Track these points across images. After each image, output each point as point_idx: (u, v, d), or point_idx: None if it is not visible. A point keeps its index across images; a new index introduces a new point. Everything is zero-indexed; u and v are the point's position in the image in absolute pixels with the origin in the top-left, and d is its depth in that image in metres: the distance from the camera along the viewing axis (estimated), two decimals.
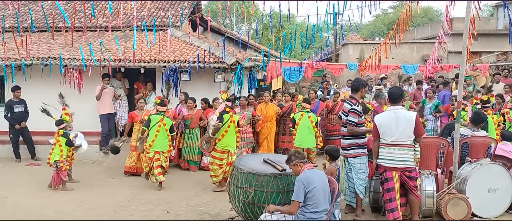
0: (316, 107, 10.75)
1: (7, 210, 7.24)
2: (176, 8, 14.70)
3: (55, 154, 8.32)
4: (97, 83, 11.17)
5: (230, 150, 8.23)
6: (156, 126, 8.44)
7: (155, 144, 8.44)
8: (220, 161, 8.16)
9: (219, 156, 8.17)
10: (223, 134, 8.16)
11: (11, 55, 11.24)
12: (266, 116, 10.34)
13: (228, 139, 8.21)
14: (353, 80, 6.93)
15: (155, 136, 8.42)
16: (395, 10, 44.78)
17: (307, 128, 8.80)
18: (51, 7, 14.38)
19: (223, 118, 8.15)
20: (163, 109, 8.74)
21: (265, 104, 10.46)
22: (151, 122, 8.49)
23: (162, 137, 8.49)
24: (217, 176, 8.23)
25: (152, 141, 8.42)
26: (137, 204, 7.59)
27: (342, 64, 14.88)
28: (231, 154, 8.23)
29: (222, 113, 8.31)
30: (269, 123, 10.42)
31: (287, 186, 5.44)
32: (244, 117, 10.05)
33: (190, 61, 10.94)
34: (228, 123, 8.16)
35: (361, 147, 6.38)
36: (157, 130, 8.43)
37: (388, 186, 5.71)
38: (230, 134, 8.22)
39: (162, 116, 8.59)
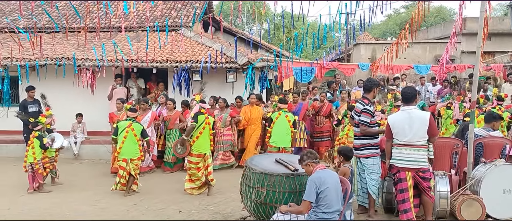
0: (299, 108, 10.59)
1: (22, 209, 7.32)
2: (188, 8, 14.76)
3: (29, 156, 8.21)
4: (110, 83, 11.27)
5: (205, 153, 7.99)
6: (124, 132, 8.09)
7: (123, 151, 8.08)
8: (196, 165, 7.92)
9: (195, 160, 7.92)
10: (198, 136, 7.91)
11: (26, 56, 11.36)
12: (250, 118, 10.22)
13: (202, 141, 7.95)
14: (365, 80, 6.88)
15: (122, 143, 8.07)
16: (407, 10, 44.47)
17: (284, 127, 8.54)
18: (64, 7, 14.51)
19: (198, 119, 7.92)
20: (133, 115, 8.43)
21: (250, 106, 10.34)
22: (119, 129, 8.18)
23: (129, 144, 8.09)
24: (198, 179, 7.99)
25: (120, 147, 8.09)
26: (149, 204, 7.63)
27: (354, 64, 14.81)
28: (207, 157, 8.01)
29: (197, 114, 8.08)
30: (253, 125, 10.30)
31: (299, 186, 5.42)
32: (220, 119, 10.07)
33: (202, 61, 10.98)
34: (203, 124, 7.93)
35: (373, 147, 6.33)
36: (124, 137, 8.08)
37: (401, 187, 5.66)
38: (204, 136, 7.97)
39: (131, 122, 8.21)
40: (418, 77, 15.20)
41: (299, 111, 10.55)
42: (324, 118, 10.99)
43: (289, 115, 8.59)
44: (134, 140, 8.13)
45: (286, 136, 8.50)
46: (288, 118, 8.54)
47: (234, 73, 11.30)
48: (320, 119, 11.00)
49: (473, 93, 6.69)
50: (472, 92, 6.77)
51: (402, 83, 13.48)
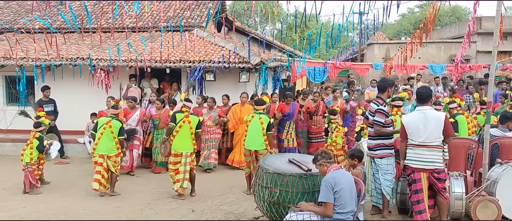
0: (293, 109, 10.49)
1: (38, 207, 7.41)
2: (201, 8, 14.81)
3: (26, 156, 8.14)
4: (125, 83, 11.37)
5: (183, 152, 7.78)
6: (101, 129, 8.06)
7: (99, 147, 8.01)
8: (173, 165, 7.82)
9: (173, 160, 7.82)
10: (174, 135, 7.80)
11: (41, 56, 11.50)
12: (240, 117, 10.13)
13: (179, 140, 7.80)
14: (379, 80, 6.84)
15: (98, 139, 8.03)
16: (421, 9, 44.10)
17: (256, 130, 8.16)
18: (79, 8, 14.66)
19: (176, 118, 7.83)
20: (116, 112, 8.39)
21: (240, 105, 10.27)
22: (98, 125, 8.16)
23: (106, 140, 8.02)
24: (179, 181, 7.79)
25: (96, 144, 8.06)
26: (163, 203, 7.67)
27: (368, 64, 14.71)
28: (184, 156, 7.78)
29: (176, 112, 8.02)
30: (244, 125, 9.97)
31: (312, 186, 5.41)
32: (210, 118, 10.04)
33: (215, 61, 11.01)
34: (180, 123, 7.80)
35: (388, 148, 6.29)
36: (101, 133, 8.03)
37: (416, 188, 5.62)
38: (181, 135, 7.80)
39: (110, 119, 8.17)
40: (433, 77, 15.05)
41: (293, 112, 10.48)
42: (322, 118, 10.87)
43: (263, 117, 8.22)
44: (110, 136, 8.05)
45: (258, 139, 8.07)
46: (261, 120, 8.16)
47: (247, 73, 11.30)
48: (318, 119, 10.89)
49: (489, 93, 6.61)
50: (488, 92, 6.69)
51: (417, 83, 13.37)
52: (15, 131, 11.59)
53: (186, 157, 7.79)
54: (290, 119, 10.48)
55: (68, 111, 11.26)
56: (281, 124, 10.50)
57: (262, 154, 7.93)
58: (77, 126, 11.43)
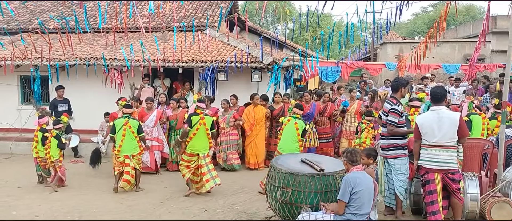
0: (313, 110, 10.38)
1: (52, 205, 7.49)
2: (214, 8, 14.85)
3: (53, 155, 8.31)
4: (138, 83, 11.43)
5: (199, 153, 7.90)
6: (122, 130, 8.22)
7: (123, 148, 8.22)
8: (187, 163, 7.92)
9: (187, 159, 7.91)
10: (191, 137, 7.84)
11: (55, 56, 11.62)
12: (255, 119, 10.08)
13: (196, 142, 7.88)
14: (393, 80, 6.80)
15: (122, 141, 8.20)
16: (435, 8, 43.70)
17: (291, 135, 8.11)
18: (93, 8, 14.79)
19: (192, 121, 7.86)
20: (129, 111, 8.49)
21: (253, 106, 10.17)
22: (116, 127, 8.29)
23: (129, 140, 8.24)
24: (184, 175, 7.99)
25: (120, 146, 8.22)
26: (175, 202, 7.70)
27: (381, 64, 14.64)
28: (200, 157, 7.89)
29: (191, 115, 8.02)
30: (258, 126, 10.14)
31: (325, 186, 5.38)
32: (224, 120, 10.00)
33: (227, 61, 11.03)
34: (197, 125, 7.84)
35: (401, 148, 6.25)
36: (123, 134, 8.20)
37: (429, 188, 5.57)
38: (198, 137, 7.87)
39: (127, 119, 8.31)
40: (447, 77, 14.91)
41: (314, 112, 10.39)
42: (328, 119, 10.79)
43: (298, 123, 8.16)
44: (132, 136, 8.25)
45: (292, 144, 8.04)
46: (296, 126, 8.11)
47: (259, 73, 11.31)
48: (323, 120, 10.76)
49: (504, 93, 6.53)
50: (504, 92, 6.61)
51: (431, 83, 13.24)
52: (30, 130, 11.70)
53: (204, 158, 7.91)
54: (309, 119, 10.27)
55: (82, 110, 11.37)
56: None
57: None
58: (91, 126, 11.53)
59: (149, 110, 9.83)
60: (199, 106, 8.14)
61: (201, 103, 8.22)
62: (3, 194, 8.13)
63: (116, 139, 8.28)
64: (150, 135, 9.64)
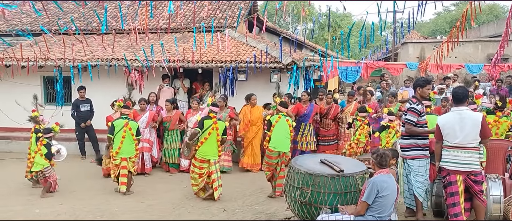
0: (310, 110, 10.18)
1: (74, 204, 7.61)
2: (233, 9, 14.88)
3: (39, 165, 8.02)
4: (158, 83, 11.54)
5: (210, 159, 7.65)
6: (121, 132, 8.06)
7: (122, 150, 8.08)
8: (199, 169, 7.63)
9: (198, 165, 7.63)
10: (202, 142, 7.61)
11: (77, 57, 11.80)
12: (251, 120, 9.97)
13: (207, 147, 7.63)
14: (416, 79, 6.73)
15: (121, 143, 8.05)
16: (457, 8, 43.01)
17: (284, 131, 7.93)
18: (114, 10, 14.97)
19: (204, 124, 7.62)
20: (127, 111, 8.39)
21: (250, 106, 10.03)
22: (115, 128, 8.10)
23: (128, 143, 8.12)
24: (197, 185, 7.72)
25: (119, 147, 8.06)
26: (195, 201, 7.74)
27: (402, 64, 14.45)
28: (212, 163, 7.66)
29: (204, 118, 7.78)
30: (254, 127, 10.01)
31: (344, 187, 5.34)
32: (220, 118, 9.91)
33: (247, 62, 11.03)
34: (209, 130, 7.60)
35: (421, 148, 6.16)
36: (122, 136, 8.05)
37: (451, 190, 5.48)
38: (209, 142, 7.62)
39: (127, 120, 8.19)
40: (470, 77, 14.65)
41: (310, 113, 10.16)
42: (332, 121, 10.56)
43: (289, 119, 8.09)
44: (131, 139, 8.16)
45: (286, 140, 7.96)
46: (288, 122, 8.02)
47: (279, 73, 11.28)
48: (327, 122, 10.56)
49: None
50: None
51: (453, 83, 13.03)
52: None
53: (215, 164, 7.73)
54: (306, 120, 10.15)
55: (104, 110, 11.48)
56: (296, 125, 10.14)
57: (288, 157, 7.90)
58: None
59: (142, 111, 9.78)
60: (212, 110, 7.92)
61: (214, 107, 8.00)
62: (26, 193, 8.29)
63: (115, 140, 8.10)
64: (142, 136, 9.30)
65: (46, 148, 8.09)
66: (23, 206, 7.51)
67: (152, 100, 10.39)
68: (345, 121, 10.52)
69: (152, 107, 10.29)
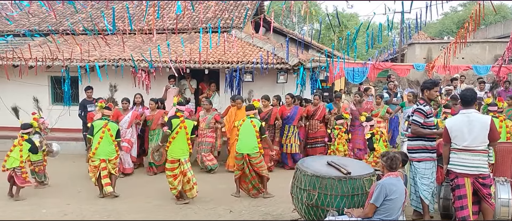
0: (294, 112, 10.05)
1: (82, 204, 7.64)
2: (240, 9, 14.88)
3: (14, 159, 7.82)
4: (165, 83, 11.57)
5: (180, 158, 7.55)
6: (100, 132, 7.89)
7: (99, 151, 7.87)
8: (172, 171, 7.54)
9: (170, 166, 7.56)
10: (170, 141, 7.57)
11: (85, 57, 11.85)
12: (236, 121, 9.81)
13: (175, 147, 7.56)
14: (423, 82, 6.70)
15: (98, 143, 7.86)
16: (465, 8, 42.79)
17: (248, 133, 7.90)
18: (121, 10, 15.02)
19: (172, 124, 7.59)
20: (109, 113, 8.23)
21: (236, 108, 9.97)
22: (94, 129, 7.95)
23: (106, 144, 7.91)
24: (175, 188, 7.60)
25: (96, 148, 7.86)
26: (201, 203, 7.73)
27: (409, 65, 14.36)
28: (183, 162, 7.56)
29: (171, 118, 7.74)
30: (235, 129, 9.86)
31: (352, 189, 5.32)
32: (205, 120, 9.87)
33: (253, 62, 11.03)
34: (177, 129, 7.57)
35: (428, 151, 6.12)
36: (100, 137, 7.87)
37: (459, 193, 5.45)
38: (177, 141, 7.55)
39: (106, 121, 8.03)
40: (476, 78, 14.55)
41: (295, 115, 10.04)
42: (319, 123, 10.38)
43: (254, 121, 8.02)
44: (110, 140, 7.96)
45: (250, 142, 7.88)
46: (253, 123, 7.97)
47: (285, 74, 11.27)
48: (314, 123, 10.36)
49: None
50: None
51: (460, 85, 12.96)
52: (59, 129, 11.98)
53: (186, 163, 7.63)
54: (289, 123, 10.04)
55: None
56: (281, 128, 10.07)
57: (255, 157, 7.82)
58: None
59: (124, 110, 9.71)
60: (179, 109, 7.90)
61: (181, 106, 7.99)
62: (32, 193, 8.33)
63: (93, 141, 7.94)
64: (123, 136, 9.37)
65: (29, 142, 7.99)
66: (30, 206, 7.56)
67: (138, 102, 10.33)
68: (333, 124, 10.43)
69: (138, 108, 10.24)
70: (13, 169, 7.82)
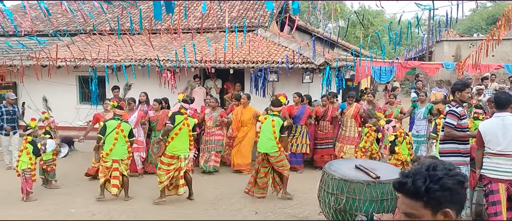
0: (301, 112, 9.93)
1: (109, 204, 7.73)
2: (265, 8, 14.79)
3: (23, 162, 7.85)
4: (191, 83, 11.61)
5: (180, 155, 7.55)
6: (113, 133, 7.79)
7: (113, 152, 7.76)
8: (167, 166, 7.50)
9: (167, 161, 7.52)
10: (173, 137, 7.52)
11: (111, 57, 11.98)
12: (242, 120, 9.85)
13: (177, 143, 7.54)
14: (453, 83, 6.51)
15: (113, 144, 7.75)
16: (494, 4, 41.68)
17: (267, 132, 7.77)
18: (147, 10, 15.12)
19: (175, 119, 7.57)
20: (121, 112, 8.10)
21: (242, 107, 9.92)
22: (107, 129, 7.84)
23: (120, 144, 7.82)
24: (162, 182, 7.56)
25: (110, 149, 7.75)
26: (226, 203, 7.73)
27: (438, 63, 14.00)
28: (181, 159, 7.56)
29: (175, 114, 7.72)
30: (245, 128, 9.91)
31: (381, 194, 5.21)
32: (211, 118, 9.80)
33: (278, 62, 10.95)
34: (180, 125, 7.56)
35: (461, 154, 5.95)
36: (115, 138, 7.76)
37: (493, 199, 5.28)
38: (180, 137, 7.54)
39: (119, 121, 7.92)
40: (507, 77, 14.11)
41: (302, 114, 9.93)
42: (329, 124, 10.25)
43: (275, 120, 7.83)
44: (123, 140, 7.87)
45: (268, 142, 7.73)
46: (273, 123, 7.79)
47: (311, 74, 11.15)
48: (325, 124, 10.24)
49: None
50: None
51: (491, 84, 12.60)
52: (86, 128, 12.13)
53: (184, 160, 7.64)
54: (297, 122, 9.93)
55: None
56: (289, 127, 9.80)
57: (274, 156, 7.71)
58: None
59: (130, 110, 9.59)
60: (183, 106, 7.89)
61: (185, 103, 7.97)
62: (61, 192, 8.47)
63: (106, 141, 7.84)
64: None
65: (32, 144, 7.95)
66: (58, 205, 7.67)
67: (142, 100, 10.35)
68: (346, 124, 10.25)
69: (143, 107, 10.24)
70: (23, 171, 7.83)
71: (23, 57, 12.25)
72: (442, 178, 1.82)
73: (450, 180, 1.83)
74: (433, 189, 1.81)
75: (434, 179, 1.83)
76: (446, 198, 1.82)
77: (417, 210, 1.85)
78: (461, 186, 1.86)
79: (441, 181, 1.82)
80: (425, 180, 1.83)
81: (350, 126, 10.23)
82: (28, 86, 12.60)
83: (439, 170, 1.86)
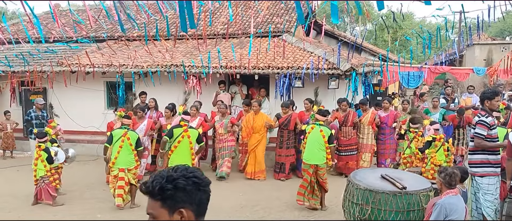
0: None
1: (134, 210, 7.78)
2: (290, 13, 14.74)
3: (40, 170, 7.87)
4: (215, 89, 11.65)
5: None
6: (119, 142, 7.68)
7: (118, 161, 7.65)
8: None
9: None
10: (172, 150, 7.40)
11: (138, 63, 12.14)
12: (253, 127, 9.72)
13: (176, 157, 7.49)
14: (482, 91, 6.31)
15: (118, 153, 7.65)
16: None
17: (317, 143, 7.56)
18: (173, 16, 15.27)
19: (173, 133, 7.44)
20: (128, 122, 8.04)
21: (253, 113, 9.79)
22: (113, 138, 7.75)
23: (126, 153, 7.68)
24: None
25: (115, 158, 7.65)
26: (251, 211, 7.70)
27: (468, 69, 13.62)
28: None
29: (173, 127, 7.59)
30: (257, 135, 9.76)
31: (407, 205, 5.09)
32: (222, 125, 9.69)
33: (303, 68, 10.87)
34: (179, 138, 7.41)
35: (492, 165, 5.75)
36: (120, 146, 7.65)
37: None
38: (179, 151, 7.45)
39: (126, 130, 7.81)
40: None
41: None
42: (352, 129, 9.98)
43: (324, 129, 7.64)
44: (129, 149, 7.74)
45: (319, 152, 7.54)
46: (322, 133, 7.60)
47: (336, 80, 11.01)
48: (347, 130, 9.99)
49: None
50: None
51: None
52: None
53: None
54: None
55: None
56: (302, 133, 9.53)
57: (323, 168, 7.55)
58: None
59: (140, 119, 9.48)
60: (184, 118, 7.79)
61: (186, 116, 7.87)
62: (89, 196, 8.57)
63: (112, 150, 7.77)
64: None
65: (46, 152, 7.96)
66: (85, 210, 7.76)
67: (151, 106, 10.37)
68: (362, 131, 10.07)
69: (152, 113, 10.26)
70: (41, 178, 7.86)
71: (53, 63, 12.53)
72: (177, 178, 1.92)
73: (184, 181, 1.92)
74: (166, 188, 1.91)
75: (170, 180, 1.92)
76: (182, 199, 1.92)
77: (155, 210, 1.94)
78: (196, 187, 1.94)
79: (175, 181, 1.92)
80: (162, 180, 1.93)
81: (367, 133, 10.07)
82: (58, 91, 12.88)
83: (178, 171, 1.97)
